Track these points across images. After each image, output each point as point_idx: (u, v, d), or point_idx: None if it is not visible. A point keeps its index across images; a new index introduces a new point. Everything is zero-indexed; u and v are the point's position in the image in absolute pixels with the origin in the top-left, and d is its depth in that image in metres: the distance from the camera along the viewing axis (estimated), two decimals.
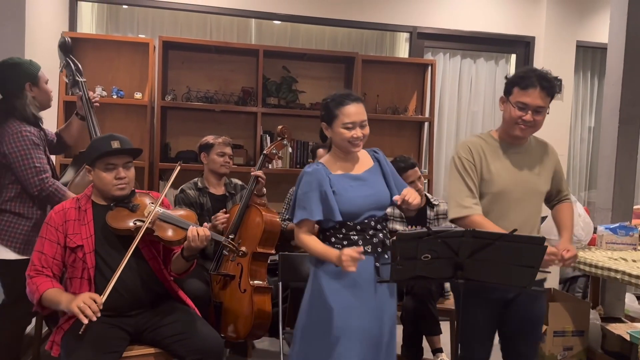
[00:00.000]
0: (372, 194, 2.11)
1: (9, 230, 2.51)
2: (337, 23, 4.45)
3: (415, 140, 4.52)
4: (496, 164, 2.11)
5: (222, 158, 3.21)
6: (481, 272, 1.64)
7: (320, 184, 2.05)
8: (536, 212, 2.15)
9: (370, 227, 2.08)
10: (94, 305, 1.91)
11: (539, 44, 4.72)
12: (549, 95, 2.04)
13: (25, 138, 2.48)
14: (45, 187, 2.49)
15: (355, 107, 2.07)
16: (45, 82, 2.68)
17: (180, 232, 2.19)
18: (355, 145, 2.09)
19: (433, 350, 3.01)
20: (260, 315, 2.91)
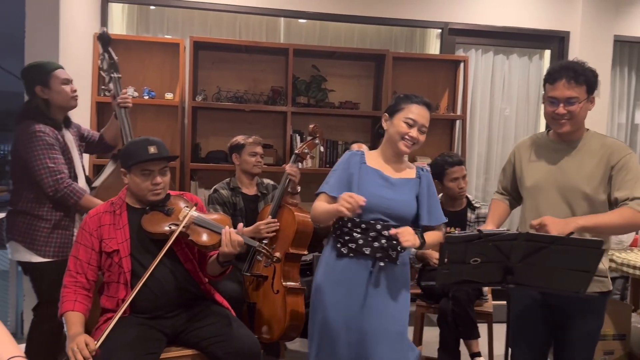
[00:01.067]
0: (393, 199, 2.09)
1: (29, 232, 2.52)
2: (366, 20, 4.39)
3: (446, 138, 4.44)
4: (534, 159, 2.13)
5: (254, 158, 3.20)
6: (533, 276, 1.58)
7: (349, 166, 2.11)
8: (579, 212, 2.00)
9: (374, 230, 2.05)
10: (85, 351, 1.89)
11: (574, 39, 4.58)
12: (578, 83, 1.98)
13: (38, 138, 2.47)
14: (59, 188, 2.47)
15: (422, 109, 2.11)
16: (62, 82, 2.62)
17: (215, 236, 2.18)
18: (405, 145, 2.09)
19: (471, 354, 2.94)
20: (294, 317, 2.88)
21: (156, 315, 2.17)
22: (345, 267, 2.09)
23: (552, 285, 1.63)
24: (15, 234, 2.54)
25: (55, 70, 2.62)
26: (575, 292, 1.61)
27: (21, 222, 2.53)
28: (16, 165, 2.55)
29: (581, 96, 1.99)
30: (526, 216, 2.09)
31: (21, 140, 2.48)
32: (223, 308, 2.33)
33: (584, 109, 2.03)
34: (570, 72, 1.99)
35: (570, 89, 1.97)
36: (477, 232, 1.49)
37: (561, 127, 2.02)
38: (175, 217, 2.21)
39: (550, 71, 2.06)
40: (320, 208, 2.10)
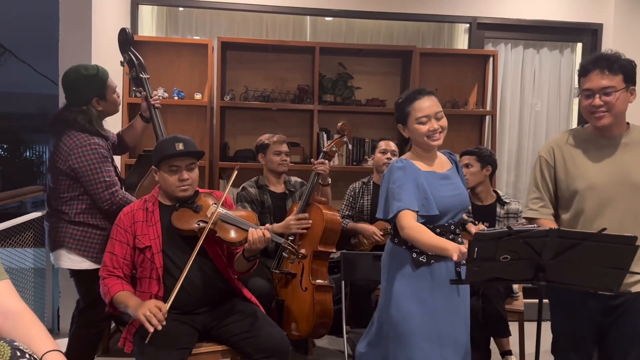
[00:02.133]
0: (458, 193, 2.09)
1: (85, 241, 2.52)
2: (393, 17, 4.36)
3: (476, 134, 4.39)
4: (582, 158, 1.99)
5: (279, 157, 3.21)
6: (565, 274, 1.54)
7: (415, 177, 2.01)
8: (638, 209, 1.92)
9: (449, 231, 2.04)
10: (159, 314, 1.95)
11: (607, 31, 4.46)
12: (612, 72, 1.88)
13: (94, 151, 2.45)
14: (115, 201, 2.48)
15: (426, 101, 2.04)
16: (114, 91, 2.63)
17: (242, 233, 2.21)
18: (434, 139, 2.04)
19: (502, 352, 2.91)
20: (323, 314, 2.90)
21: (187, 311, 2.22)
22: (424, 274, 2.02)
23: (586, 283, 1.59)
24: (69, 242, 2.51)
25: (109, 79, 2.60)
26: (609, 290, 1.57)
27: (76, 231, 2.51)
28: (64, 176, 2.49)
29: (618, 85, 1.89)
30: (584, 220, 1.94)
31: (75, 152, 2.44)
32: (252, 304, 2.36)
33: (623, 100, 1.91)
34: (603, 61, 1.91)
35: (604, 78, 1.88)
36: (507, 228, 1.47)
37: (599, 121, 1.92)
38: (204, 214, 2.25)
39: (583, 63, 1.99)
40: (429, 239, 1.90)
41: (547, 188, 2.05)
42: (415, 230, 1.92)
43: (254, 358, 2.16)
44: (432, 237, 1.91)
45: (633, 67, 1.93)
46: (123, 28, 2.91)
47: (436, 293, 1.99)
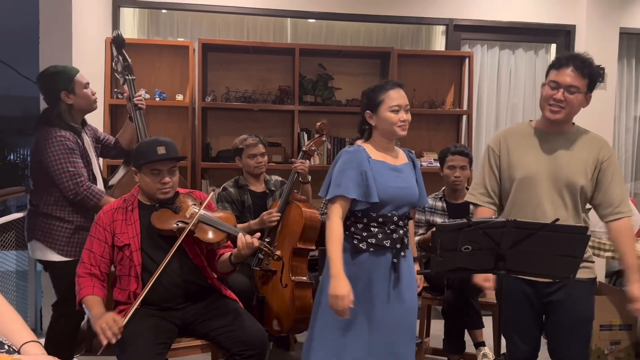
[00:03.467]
0: (406, 187, 2.14)
1: (51, 232, 2.60)
2: (372, 19, 4.45)
3: (453, 133, 4.48)
4: (523, 149, 2.09)
5: (254, 160, 3.23)
6: (523, 263, 1.63)
7: (360, 164, 2.07)
8: (570, 203, 2.03)
9: (392, 222, 2.09)
10: (114, 328, 2.00)
11: (580, 33, 4.59)
12: (582, 75, 1.98)
13: (59, 143, 2.54)
14: (79, 191, 2.54)
15: (398, 92, 2.11)
16: (84, 86, 2.70)
17: (220, 234, 2.27)
18: (402, 129, 2.11)
19: (475, 344, 2.99)
20: (303, 310, 2.95)
21: (166, 307, 2.27)
22: (364, 262, 2.10)
23: (543, 271, 1.68)
24: (38, 234, 2.62)
25: (77, 75, 2.69)
26: (565, 278, 1.66)
27: (43, 223, 2.61)
28: (36, 170, 2.61)
29: (582, 88, 1.99)
30: (517, 208, 2.05)
31: (42, 146, 2.55)
32: (231, 300, 2.41)
33: (580, 103, 2.02)
34: (578, 61, 2.00)
35: (574, 78, 1.97)
36: (466, 219, 1.55)
37: (554, 114, 2.02)
38: (183, 215, 2.30)
39: (559, 57, 2.07)
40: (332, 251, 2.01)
41: (492, 176, 2.14)
42: (331, 233, 2.02)
43: (232, 352, 2.22)
44: (335, 252, 1.99)
45: (598, 77, 2.05)
46: (117, 31, 3.02)
47: (370, 281, 2.07)
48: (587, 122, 4.51)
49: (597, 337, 3.37)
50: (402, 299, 2.13)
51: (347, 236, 2.12)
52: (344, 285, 1.96)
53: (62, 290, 2.68)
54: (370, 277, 2.09)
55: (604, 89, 4.58)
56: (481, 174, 2.19)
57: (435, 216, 3.11)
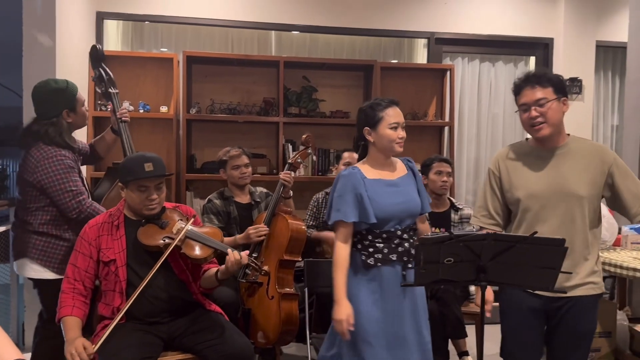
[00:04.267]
0: (404, 201, 2.17)
1: (47, 251, 2.55)
2: (355, 32, 4.52)
3: (435, 144, 4.55)
4: (523, 169, 2.11)
5: (238, 170, 3.25)
6: (504, 274, 1.67)
7: (355, 187, 2.11)
8: (577, 216, 2.03)
9: (396, 236, 2.13)
10: (83, 354, 2.00)
11: (558, 45, 4.72)
12: (542, 86, 2.03)
13: (60, 162, 2.50)
14: (83, 209, 2.52)
15: (396, 109, 2.17)
16: (82, 104, 2.69)
17: (207, 250, 2.28)
18: (400, 146, 2.16)
19: (459, 353, 3.04)
20: (289, 322, 2.97)
21: (152, 322, 2.27)
22: (373, 276, 2.13)
23: (523, 282, 1.73)
24: (32, 252, 2.55)
25: (78, 93, 2.66)
26: (545, 289, 1.71)
27: (38, 241, 2.55)
28: (31, 187, 2.53)
29: (549, 96, 2.03)
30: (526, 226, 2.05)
31: (42, 165, 2.49)
32: (216, 314, 2.42)
33: (556, 110, 2.04)
34: (531, 78, 2.07)
35: (536, 92, 2.03)
36: (449, 233, 1.60)
37: (539, 132, 2.05)
38: (170, 230, 2.30)
39: (516, 82, 2.14)
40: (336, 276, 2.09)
41: (495, 198, 2.17)
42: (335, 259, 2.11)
43: None
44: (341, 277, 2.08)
45: (561, 80, 2.08)
46: (94, 45, 2.98)
47: (384, 294, 2.10)
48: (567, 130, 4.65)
49: None
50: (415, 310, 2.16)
51: (356, 251, 2.16)
52: (344, 310, 2.04)
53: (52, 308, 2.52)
54: (382, 290, 2.12)
55: (581, 100, 4.71)
56: (483, 196, 2.21)
57: None
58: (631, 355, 3.47)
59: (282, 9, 4.36)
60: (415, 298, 2.16)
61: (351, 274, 2.15)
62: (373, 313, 2.10)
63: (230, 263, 2.22)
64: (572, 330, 2.06)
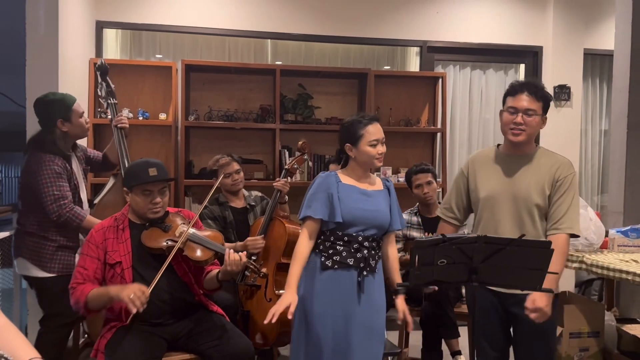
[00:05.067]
0: (373, 210, 2.26)
1: (36, 250, 2.74)
2: (349, 40, 4.63)
3: (428, 150, 4.66)
4: (488, 171, 2.26)
5: (230, 178, 3.33)
6: (494, 276, 1.77)
7: (328, 187, 2.23)
8: (527, 220, 2.17)
9: (356, 241, 2.21)
10: (142, 297, 2.09)
11: (547, 53, 4.84)
12: (537, 99, 2.16)
13: (47, 168, 2.68)
14: (62, 213, 2.68)
15: (375, 126, 2.25)
16: (80, 115, 2.85)
17: (208, 252, 2.36)
18: (379, 161, 2.26)
19: (452, 352, 3.13)
20: (286, 323, 3.03)
21: (156, 323, 2.34)
22: (329, 279, 2.21)
23: (512, 283, 1.82)
24: (24, 251, 2.77)
25: (74, 105, 2.83)
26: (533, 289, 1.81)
27: (29, 241, 2.76)
28: (24, 191, 2.77)
29: (538, 110, 2.17)
30: (482, 226, 2.22)
31: (34, 170, 2.69)
32: (218, 315, 2.50)
33: (538, 124, 2.19)
34: (532, 87, 2.19)
35: (530, 102, 2.15)
36: (442, 236, 1.69)
37: (516, 136, 2.17)
38: (172, 234, 2.39)
39: (514, 84, 2.24)
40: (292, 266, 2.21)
41: (458, 196, 2.36)
42: (295, 251, 2.24)
43: None
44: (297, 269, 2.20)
45: (550, 100, 2.23)
46: (101, 59, 3.17)
47: (338, 297, 2.20)
48: (556, 137, 4.79)
49: (567, 345, 3.53)
50: (368, 320, 2.24)
51: (317, 253, 2.26)
52: (289, 298, 2.14)
53: (47, 305, 2.81)
54: (336, 293, 2.21)
55: (570, 107, 4.84)
56: (450, 193, 2.41)
57: (412, 230, 3.26)
58: (619, 354, 3.57)
59: (278, 18, 4.46)
60: (372, 308, 2.24)
61: (310, 274, 2.25)
62: (325, 314, 2.20)
63: (229, 263, 2.30)
64: (531, 326, 2.12)
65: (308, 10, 4.52)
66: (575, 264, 3.52)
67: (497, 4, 4.79)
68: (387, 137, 2.33)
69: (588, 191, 5.37)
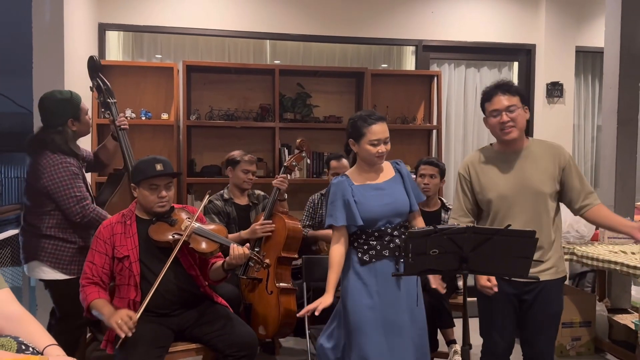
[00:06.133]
0: (391, 202, 2.36)
1: (55, 253, 2.72)
2: (346, 40, 4.73)
3: (424, 147, 4.76)
4: (492, 172, 2.33)
5: (246, 175, 3.46)
6: (483, 264, 1.87)
7: (343, 194, 2.32)
8: (542, 211, 2.28)
9: (387, 234, 2.33)
10: (130, 323, 2.19)
11: (539, 51, 4.95)
12: (512, 94, 2.26)
13: (65, 169, 2.67)
14: (86, 214, 2.70)
15: (380, 126, 2.33)
16: (86, 113, 2.87)
17: (213, 244, 2.47)
18: (380, 160, 2.35)
19: (447, 341, 3.24)
20: (287, 315, 3.17)
21: (163, 314, 2.45)
22: (371, 271, 2.31)
23: (501, 270, 1.93)
24: (41, 255, 2.72)
25: (81, 103, 2.85)
26: (520, 276, 1.91)
27: (47, 244, 2.72)
28: (38, 193, 2.69)
29: (518, 104, 2.27)
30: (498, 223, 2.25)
31: (49, 172, 2.66)
32: (222, 307, 2.61)
33: (522, 116, 2.29)
34: (503, 86, 2.30)
35: (507, 99, 2.26)
36: (433, 227, 1.80)
37: (509, 134, 2.27)
38: (178, 227, 2.49)
39: (486, 91, 2.35)
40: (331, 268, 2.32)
41: (467, 200, 2.39)
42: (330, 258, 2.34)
43: (225, 353, 2.42)
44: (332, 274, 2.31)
45: (522, 91, 2.33)
46: (91, 56, 3.14)
47: (380, 287, 2.30)
48: (549, 133, 4.88)
49: (560, 334, 3.64)
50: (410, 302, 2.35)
51: (353, 250, 2.37)
52: (329, 300, 2.26)
53: (64, 307, 2.80)
54: (379, 285, 2.31)
55: (562, 104, 4.94)
56: (458, 199, 2.43)
57: None
58: (610, 343, 3.69)
59: (277, 19, 4.56)
60: (410, 288, 2.35)
61: (349, 270, 2.35)
62: (368, 304, 2.29)
63: (233, 256, 2.41)
64: (543, 312, 2.29)
65: (306, 11, 4.62)
66: (566, 256, 3.64)
67: (490, 4, 4.90)
68: None
69: None
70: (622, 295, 4.08)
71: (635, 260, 2.96)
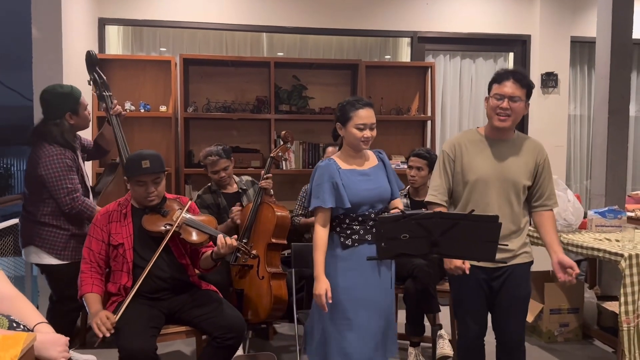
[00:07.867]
0: (375, 187, 2.43)
1: (49, 239, 2.88)
2: (342, 32, 4.79)
3: (419, 137, 4.83)
4: (476, 155, 2.38)
5: (217, 175, 3.51)
6: (452, 248, 1.95)
7: (331, 176, 2.37)
8: (515, 200, 2.35)
9: (370, 219, 2.40)
10: (107, 324, 2.29)
11: (534, 42, 4.98)
12: (522, 86, 2.29)
13: (60, 161, 2.81)
14: (75, 206, 2.84)
15: (366, 111, 2.38)
16: (85, 108, 2.98)
17: (202, 235, 2.58)
18: (365, 144, 2.40)
19: (433, 326, 3.32)
20: (279, 299, 3.27)
21: (154, 297, 2.56)
22: (353, 255, 2.37)
23: (469, 254, 2.01)
24: (35, 240, 2.88)
25: (81, 97, 2.96)
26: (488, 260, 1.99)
27: (41, 230, 2.87)
28: (35, 182, 2.85)
29: (522, 97, 2.31)
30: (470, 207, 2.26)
31: (44, 162, 2.80)
32: (213, 291, 2.71)
33: (522, 110, 2.33)
34: (517, 74, 2.33)
35: (515, 89, 2.29)
36: (401, 212, 1.88)
37: (502, 122, 2.31)
38: (170, 218, 2.60)
39: (500, 72, 2.37)
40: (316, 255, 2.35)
41: (447, 179, 2.44)
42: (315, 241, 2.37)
43: (214, 335, 2.51)
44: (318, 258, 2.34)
45: (532, 88, 2.37)
46: (88, 51, 3.23)
47: (360, 269, 2.38)
48: (544, 123, 4.92)
49: (548, 320, 3.72)
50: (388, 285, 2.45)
51: (336, 235, 2.43)
52: (322, 285, 2.30)
53: (59, 291, 2.96)
54: (361, 268, 2.38)
55: (557, 94, 4.98)
56: (439, 176, 2.45)
57: None
58: (598, 329, 3.75)
59: (273, 12, 4.64)
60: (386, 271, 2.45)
61: (331, 254, 2.42)
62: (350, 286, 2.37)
63: (220, 246, 2.50)
64: (512, 295, 2.38)
65: (302, 3, 4.69)
66: None
67: None
68: (378, 126, 2.45)
69: (577, 176, 5.51)
70: (612, 283, 4.13)
71: (617, 248, 3.01)
